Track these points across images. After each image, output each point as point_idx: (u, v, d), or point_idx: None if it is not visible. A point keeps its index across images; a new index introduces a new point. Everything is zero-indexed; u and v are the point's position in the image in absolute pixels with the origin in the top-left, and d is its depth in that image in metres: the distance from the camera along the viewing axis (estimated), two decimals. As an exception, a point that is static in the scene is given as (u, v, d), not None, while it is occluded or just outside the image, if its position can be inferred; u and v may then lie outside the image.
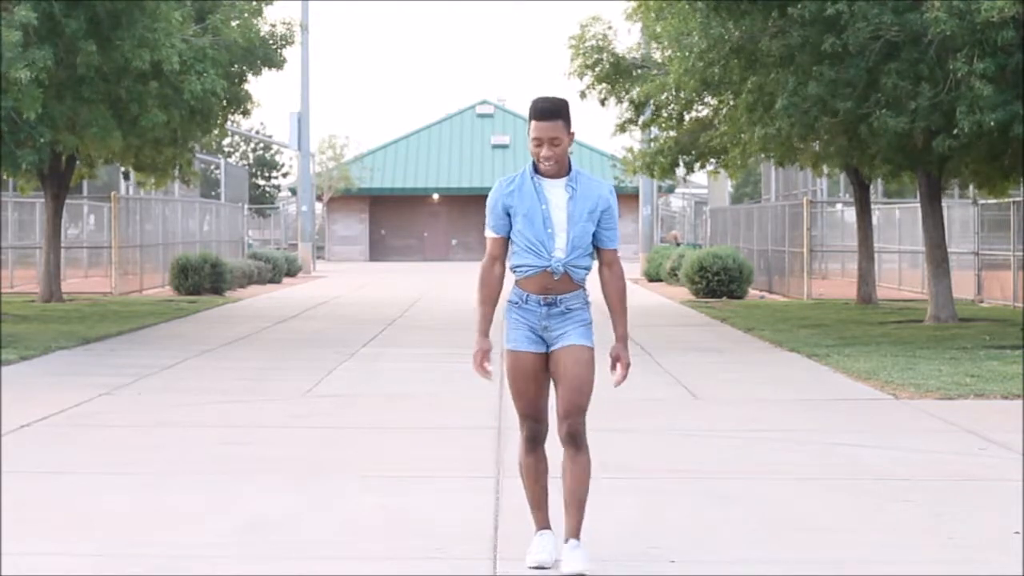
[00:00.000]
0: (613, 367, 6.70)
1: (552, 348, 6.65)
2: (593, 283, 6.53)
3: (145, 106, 22.64)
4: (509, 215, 6.64)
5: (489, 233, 6.71)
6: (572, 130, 6.59)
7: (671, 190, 70.33)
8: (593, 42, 28.66)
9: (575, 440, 6.61)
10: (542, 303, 6.63)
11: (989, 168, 22.93)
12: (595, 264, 6.78)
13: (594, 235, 6.65)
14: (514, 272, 6.69)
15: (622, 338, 6.72)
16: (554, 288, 6.61)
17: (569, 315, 6.63)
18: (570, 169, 6.65)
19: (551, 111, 6.53)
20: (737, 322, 24.16)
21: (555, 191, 6.61)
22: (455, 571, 6.88)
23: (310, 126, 53.54)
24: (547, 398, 6.71)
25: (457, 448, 10.70)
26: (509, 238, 6.67)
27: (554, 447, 6.78)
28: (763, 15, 20.23)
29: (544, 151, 6.56)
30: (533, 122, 6.56)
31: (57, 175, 28.82)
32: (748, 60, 20.82)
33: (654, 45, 29.25)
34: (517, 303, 6.68)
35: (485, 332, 6.72)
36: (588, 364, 6.63)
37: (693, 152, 30.25)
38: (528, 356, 6.65)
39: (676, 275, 39.00)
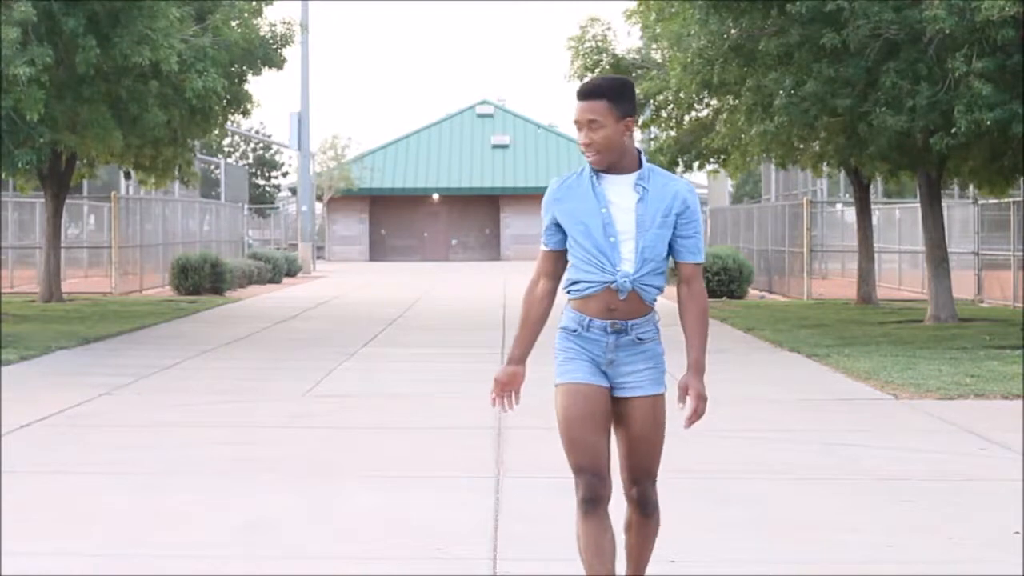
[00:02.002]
0: (682, 399, 5.49)
1: (619, 392, 5.40)
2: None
3: (145, 105, 22.66)
4: (559, 225, 5.41)
5: (542, 246, 5.52)
6: (629, 115, 5.34)
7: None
8: (593, 43, 28.68)
9: (646, 507, 5.48)
10: (609, 330, 5.35)
11: (989, 168, 22.94)
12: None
13: (669, 245, 5.41)
14: (568, 293, 5.43)
15: (696, 365, 5.50)
16: (620, 311, 5.35)
17: (641, 348, 5.40)
18: (640, 164, 5.42)
19: (591, 89, 5.34)
20: (737, 322, 24.15)
21: (620, 190, 5.35)
22: (455, 571, 6.88)
23: (310, 126, 53.54)
24: (610, 447, 5.39)
25: (457, 448, 10.70)
26: (566, 251, 5.44)
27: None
28: (762, 13, 20.24)
29: (582, 136, 5.35)
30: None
31: (57, 175, 28.82)
32: (747, 58, 20.83)
33: (653, 46, 29.28)
34: (576, 331, 5.38)
35: (517, 357, 5.47)
36: (662, 419, 5.48)
37: (693, 152, 30.28)
38: (591, 390, 5.34)
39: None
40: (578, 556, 5.38)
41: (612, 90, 5.33)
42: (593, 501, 5.30)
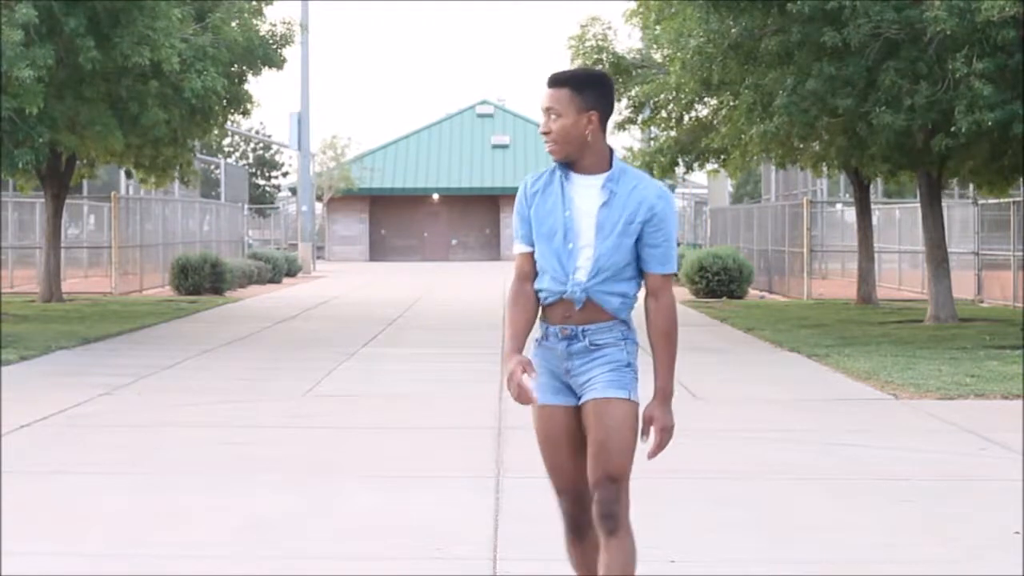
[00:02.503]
0: (645, 432, 5.09)
1: (580, 400, 5.09)
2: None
3: (145, 105, 22.66)
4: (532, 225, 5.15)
5: (516, 246, 5.22)
6: (594, 109, 5.02)
7: (671, 190, 70.30)
8: (593, 42, 28.69)
9: (607, 521, 5.00)
10: (560, 336, 5.07)
11: (989, 168, 22.94)
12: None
13: (638, 254, 5.05)
14: (540, 300, 5.16)
15: (661, 393, 5.08)
16: (575, 318, 5.05)
17: (597, 355, 5.06)
18: (612, 164, 5.06)
19: (556, 77, 5.06)
20: (737, 322, 24.15)
21: (587, 193, 5.05)
22: (455, 571, 6.88)
23: (310, 126, 53.55)
24: (585, 470, 5.11)
25: (457, 448, 10.70)
26: None
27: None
28: (762, 12, 20.24)
29: (542, 125, 5.08)
30: None
31: (57, 175, 28.82)
32: (746, 56, 20.82)
33: (654, 46, 29.29)
34: (539, 339, 5.15)
35: (514, 348, 5.06)
36: (620, 421, 5.03)
37: (693, 152, 30.28)
38: (553, 412, 5.08)
39: (676, 275, 39.00)
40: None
41: (577, 80, 5.05)
42: (575, 527, 5.15)
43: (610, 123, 5.21)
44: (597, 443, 5.00)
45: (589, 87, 5.04)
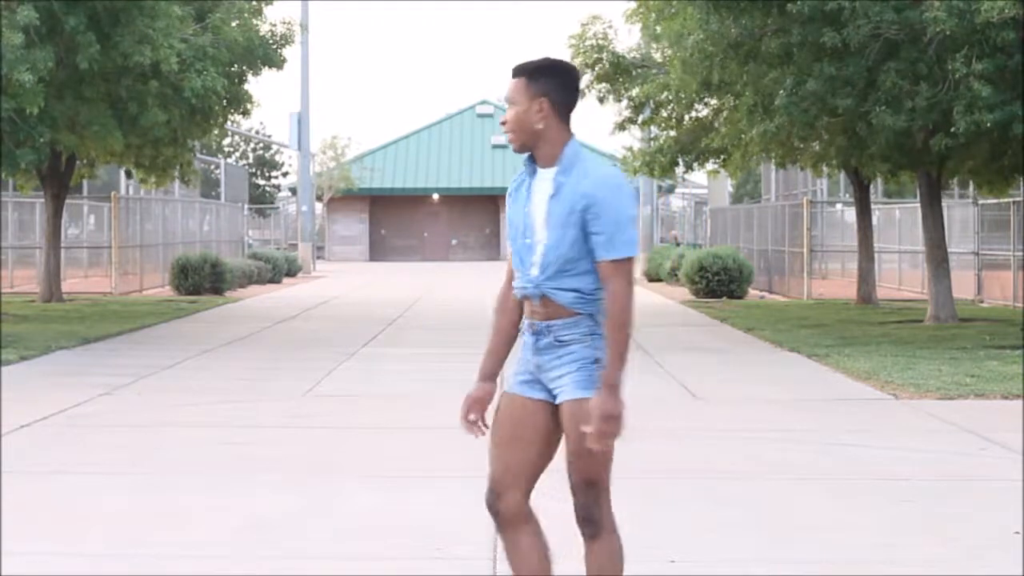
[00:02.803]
0: (586, 421, 4.87)
1: (557, 401, 5.00)
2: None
3: (145, 105, 22.65)
4: None
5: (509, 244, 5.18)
6: (544, 95, 4.97)
7: (671, 190, 70.31)
8: (593, 41, 28.67)
9: (586, 525, 4.99)
10: (529, 332, 5.02)
11: (989, 168, 22.94)
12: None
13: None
14: None
15: (605, 380, 4.84)
16: (539, 314, 4.97)
17: (564, 351, 4.93)
18: (565, 155, 4.98)
19: (516, 68, 5.05)
20: (737, 322, 24.15)
21: (543, 186, 4.97)
22: (455, 571, 6.88)
23: (310, 126, 53.55)
24: (531, 466, 5.04)
25: (457, 448, 10.67)
26: None
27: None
28: (762, 12, 20.24)
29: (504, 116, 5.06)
30: None
31: (57, 175, 28.81)
32: (746, 56, 20.82)
33: (654, 45, 29.28)
34: (520, 331, 5.13)
35: (485, 373, 5.12)
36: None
37: (693, 152, 30.27)
38: (517, 401, 5.02)
39: (676, 275, 39.01)
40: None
41: (531, 68, 5.00)
42: (493, 515, 5.06)
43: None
44: (574, 446, 4.91)
45: (543, 75, 4.98)
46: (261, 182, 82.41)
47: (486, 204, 73.19)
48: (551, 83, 4.97)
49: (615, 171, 5.02)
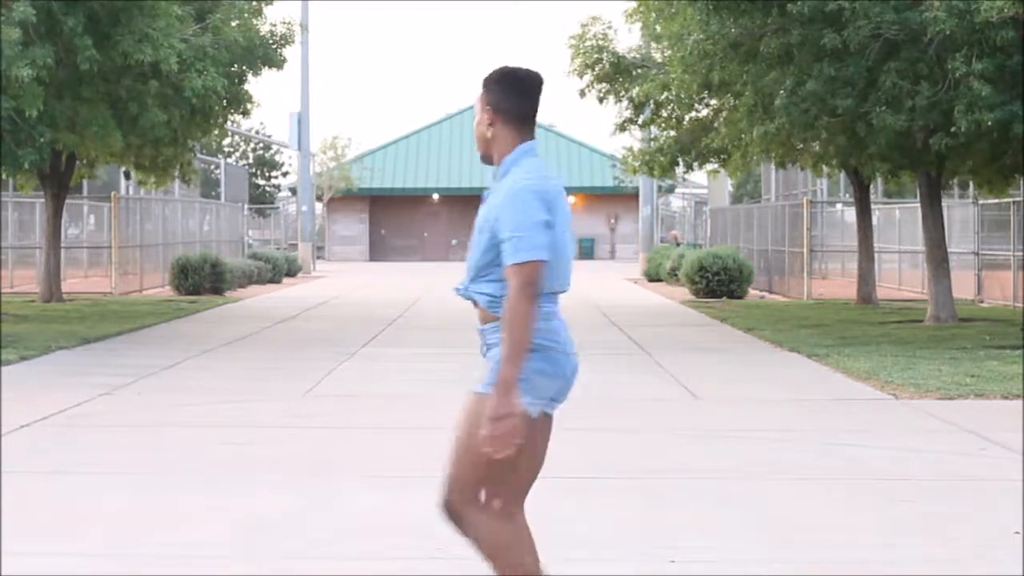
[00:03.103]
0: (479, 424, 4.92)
1: None
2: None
3: (145, 105, 22.65)
4: None
5: None
6: (492, 104, 5.05)
7: (671, 190, 70.35)
8: (593, 41, 28.69)
9: (449, 519, 5.15)
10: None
11: (989, 168, 22.94)
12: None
13: None
14: None
15: (496, 383, 4.86)
16: (478, 318, 5.09)
17: (490, 353, 5.01)
18: (504, 162, 5.07)
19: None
20: (737, 322, 24.15)
21: (490, 194, 5.11)
22: (455, 571, 6.88)
23: (310, 126, 53.54)
24: (457, 463, 5.10)
25: (457, 448, 10.68)
26: None
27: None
28: (762, 13, 20.24)
29: None
30: None
31: (57, 175, 28.81)
32: (746, 55, 20.82)
33: (654, 45, 29.29)
34: None
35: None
36: (466, 414, 5.01)
37: (693, 152, 30.28)
38: (480, 402, 4.99)
39: (676, 275, 39.02)
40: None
41: (485, 78, 5.09)
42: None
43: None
44: (453, 433, 5.05)
45: (494, 83, 5.06)
46: (261, 182, 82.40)
47: (486, 204, 73.16)
48: (500, 92, 5.03)
49: (526, 178, 4.97)
